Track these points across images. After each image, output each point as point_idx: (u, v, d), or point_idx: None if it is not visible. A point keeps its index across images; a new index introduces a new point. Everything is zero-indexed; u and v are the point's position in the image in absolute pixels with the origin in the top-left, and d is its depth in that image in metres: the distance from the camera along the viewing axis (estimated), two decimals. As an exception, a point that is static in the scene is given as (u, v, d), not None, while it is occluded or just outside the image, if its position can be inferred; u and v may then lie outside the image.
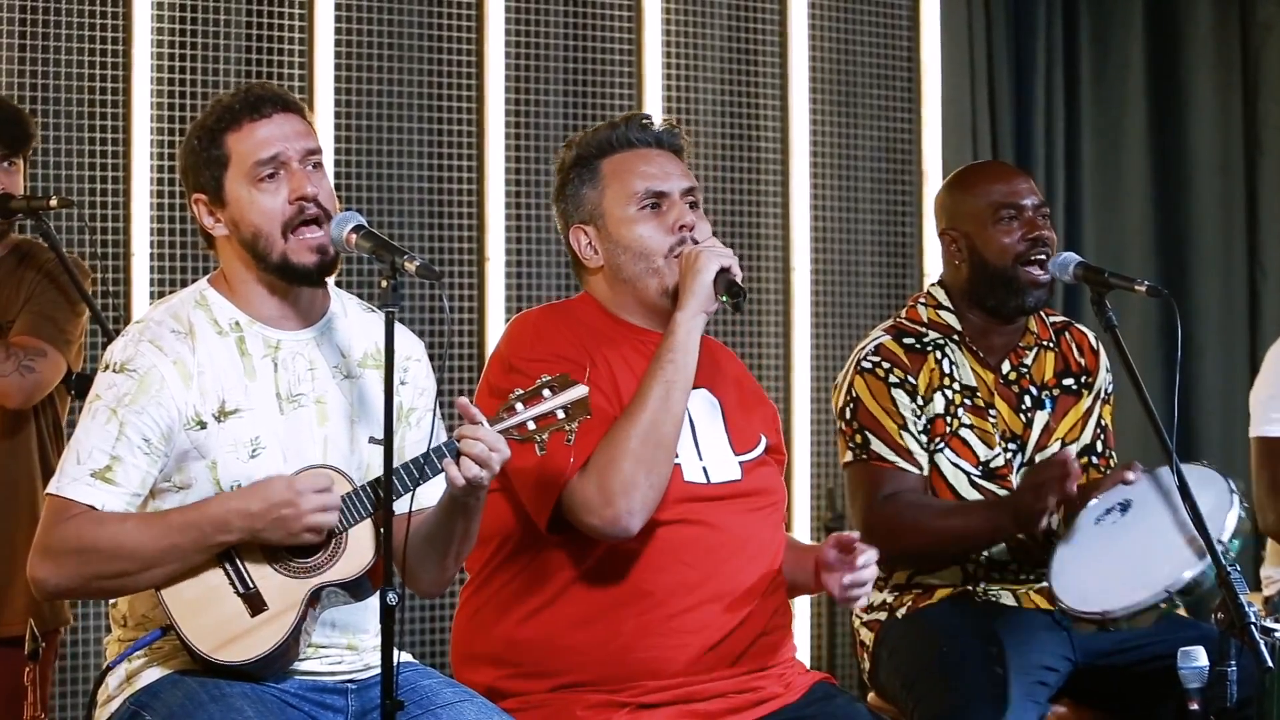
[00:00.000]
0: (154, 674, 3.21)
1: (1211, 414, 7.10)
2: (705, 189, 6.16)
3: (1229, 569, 3.57)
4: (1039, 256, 4.07)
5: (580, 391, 3.16)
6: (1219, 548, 3.57)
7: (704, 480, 3.52)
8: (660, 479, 3.40)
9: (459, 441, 3.10)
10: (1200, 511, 3.61)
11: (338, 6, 5.69)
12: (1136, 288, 3.88)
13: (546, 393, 3.16)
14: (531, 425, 3.15)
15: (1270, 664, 3.51)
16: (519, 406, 3.16)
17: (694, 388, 3.56)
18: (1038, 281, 4.07)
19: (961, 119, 6.73)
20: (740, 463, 3.57)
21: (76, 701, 5.24)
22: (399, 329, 3.40)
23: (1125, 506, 3.85)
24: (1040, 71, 6.95)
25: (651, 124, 3.63)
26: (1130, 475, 3.87)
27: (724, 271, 3.47)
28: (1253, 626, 3.51)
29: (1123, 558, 3.76)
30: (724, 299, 3.46)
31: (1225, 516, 3.67)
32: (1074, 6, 7.07)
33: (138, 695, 3.20)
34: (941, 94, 6.65)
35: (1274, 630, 3.58)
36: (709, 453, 3.55)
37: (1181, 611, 3.83)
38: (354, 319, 3.38)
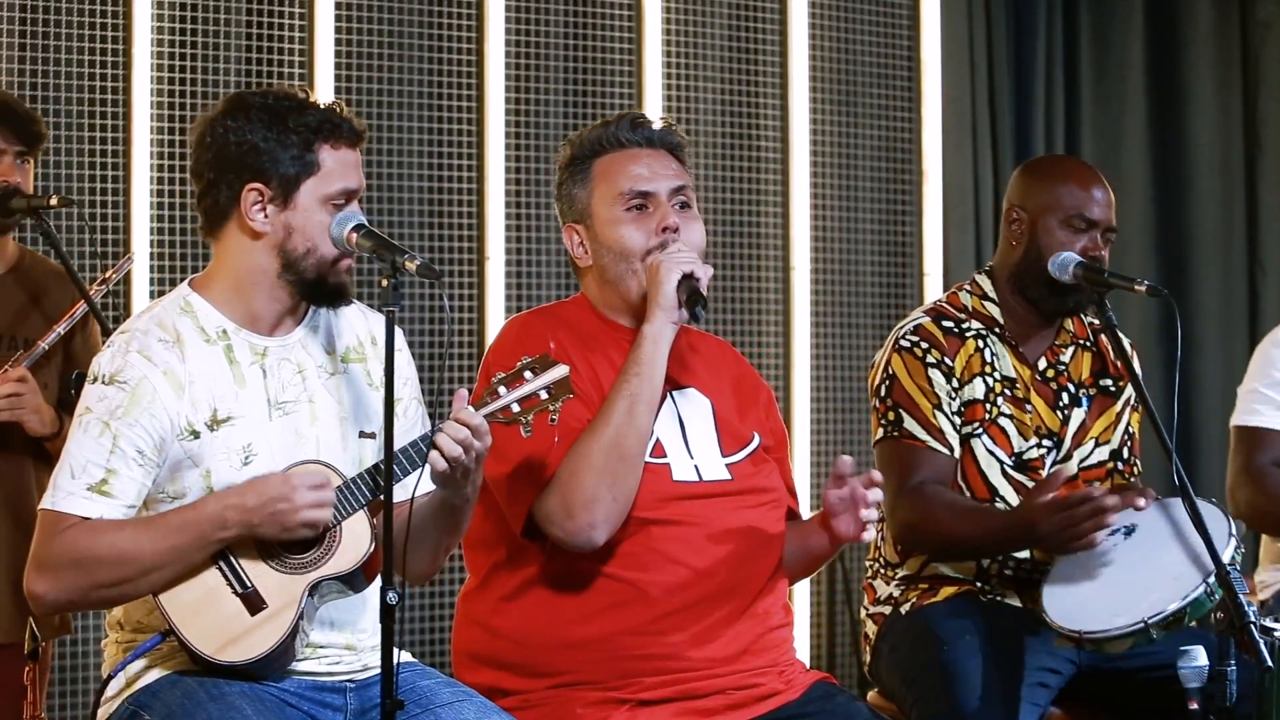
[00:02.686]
0: (153, 675, 3.21)
1: (1211, 413, 7.10)
2: (705, 189, 6.17)
3: (1228, 570, 3.57)
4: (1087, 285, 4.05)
5: (561, 371, 3.18)
6: (1212, 579, 3.57)
7: (696, 478, 3.52)
8: (625, 492, 3.40)
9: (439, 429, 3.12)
10: (1205, 524, 3.61)
11: (338, 6, 5.69)
12: (1136, 287, 3.88)
13: (528, 374, 3.18)
14: (516, 407, 3.17)
15: (1270, 664, 3.51)
16: (502, 390, 3.18)
17: (684, 388, 3.58)
18: (1083, 292, 4.05)
19: (961, 119, 6.73)
20: (728, 464, 3.56)
21: (77, 702, 5.24)
22: (376, 315, 3.41)
23: (1130, 530, 3.85)
24: (1040, 71, 6.95)
25: (644, 123, 3.61)
26: (1141, 501, 3.86)
27: (688, 278, 3.45)
28: (1252, 626, 3.51)
29: (1113, 581, 3.76)
30: (682, 307, 3.43)
31: (1219, 554, 3.66)
32: (1074, 6, 7.08)
33: (137, 695, 3.19)
34: (941, 94, 6.66)
35: (1273, 630, 3.58)
36: (699, 453, 3.55)
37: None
38: (335, 313, 3.38)
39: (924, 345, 4.03)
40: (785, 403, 6.31)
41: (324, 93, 5.61)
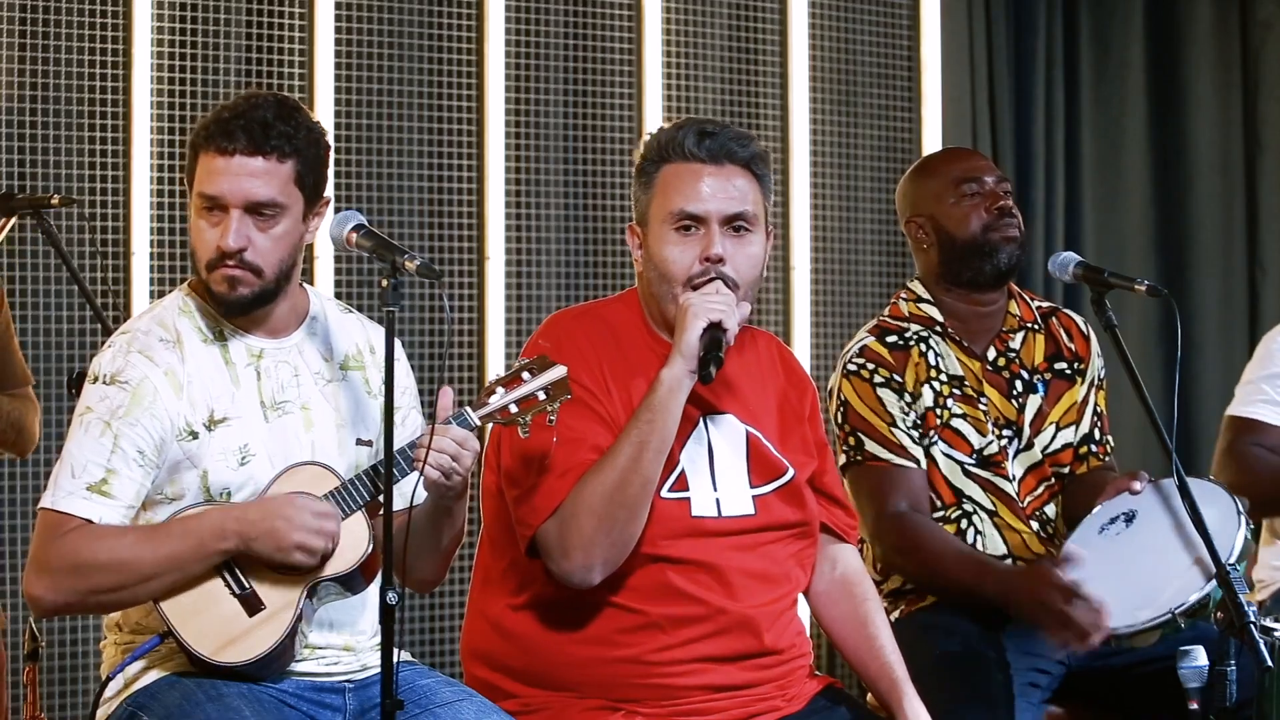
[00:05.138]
0: (152, 676, 3.21)
1: (1211, 413, 7.08)
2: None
3: (1228, 569, 3.57)
4: (1008, 229, 4.06)
5: (559, 372, 3.17)
6: (1228, 571, 3.56)
7: (715, 514, 3.44)
8: (624, 536, 3.32)
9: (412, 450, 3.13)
10: (1205, 523, 3.60)
11: (338, 6, 5.69)
12: (1136, 287, 3.88)
13: (526, 375, 3.18)
14: (514, 409, 3.17)
15: (1270, 664, 3.51)
16: (500, 390, 3.18)
17: (721, 414, 3.49)
18: (1010, 237, 4.06)
19: (961, 119, 6.73)
20: (754, 497, 3.48)
21: (76, 701, 5.24)
22: (373, 325, 3.41)
23: (1130, 518, 3.83)
24: (1040, 71, 6.94)
25: (713, 134, 3.42)
26: (1136, 485, 3.84)
27: (714, 327, 3.30)
28: (1252, 626, 3.50)
29: (1128, 574, 3.74)
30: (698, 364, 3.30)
31: (1233, 537, 3.66)
32: (1074, 6, 7.07)
33: (135, 696, 3.20)
34: (941, 94, 6.65)
35: (1273, 630, 3.58)
36: (724, 484, 3.46)
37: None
38: (333, 321, 3.38)
39: (870, 366, 4.03)
40: (785, 403, 6.31)
41: (324, 92, 5.62)
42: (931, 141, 6.64)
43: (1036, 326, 4.17)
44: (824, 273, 6.47)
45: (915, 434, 4.00)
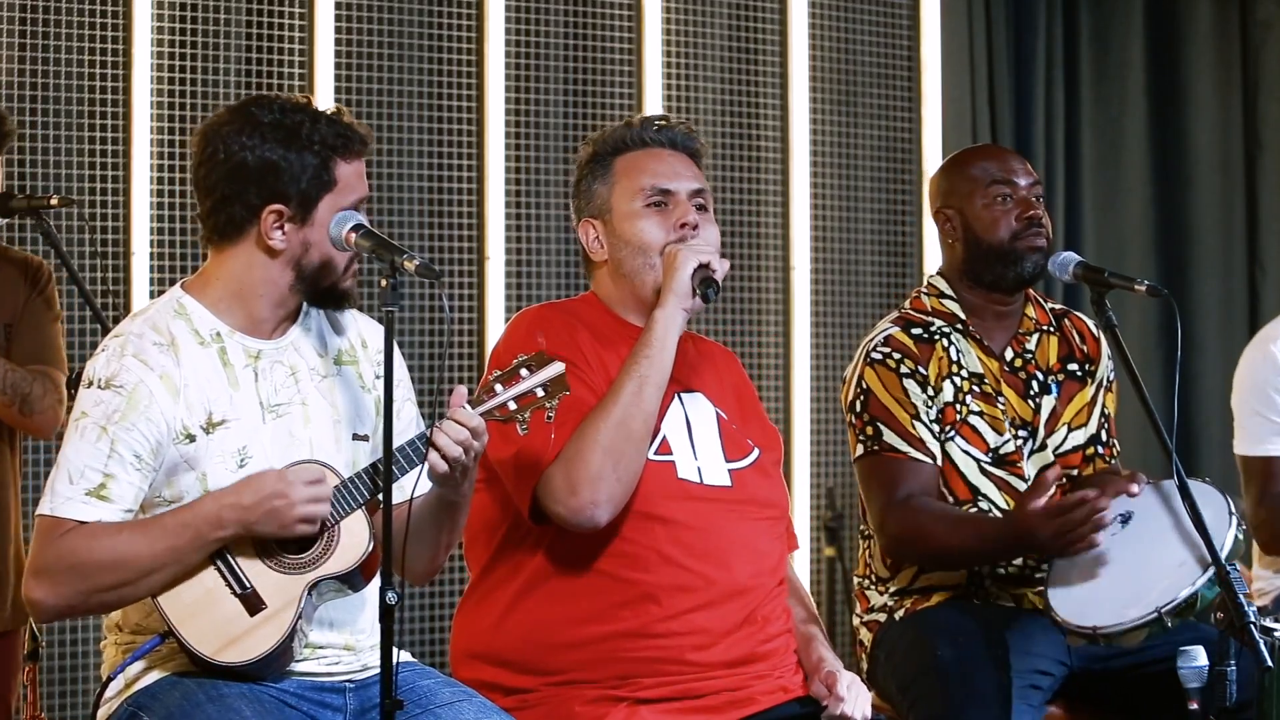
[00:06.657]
0: (152, 676, 3.21)
1: (1211, 413, 7.10)
2: (705, 189, 6.18)
3: (1228, 569, 3.57)
4: (1036, 239, 4.07)
5: (558, 368, 3.19)
6: (1228, 571, 3.56)
7: (697, 480, 3.54)
8: (628, 473, 3.42)
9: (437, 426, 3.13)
10: (1204, 522, 3.60)
11: (338, 6, 5.69)
12: (1136, 287, 3.87)
13: (524, 372, 3.19)
14: (512, 405, 3.18)
15: (1270, 664, 3.51)
16: (498, 388, 3.19)
17: (692, 391, 3.60)
18: (1035, 246, 4.07)
19: (961, 119, 6.73)
20: (730, 470, 3.58)
21: (76, 701, 5.24)
22: (365, 318, 3.42)
23: (1126, 519, 3.84)
24: (1040, 71, 6.95)
25: (667, 125, 3.68)
26: (1134, 488, 3.84)
27: (703, 268, 3.51)
28: (1252, 626, 3.51)
29: (1119, 573, 3.75)
30: (696, 294, 3.50)
31: (1223, 536, 3.66)
32: (1074, 6, 7.08)
33: (136, 696, 3.19)
34: (941, 94, 6.66)
35: (1273, 630, 3.58)
36: (703, 455, 3.57)
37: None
38: (326, 316, 3.38)
39: (896, 356, 4.02)
40: (785, 403, 6.32)
41: (324, 92, 5.62)
42: (931, 141, 6.65)
43: (1050, 328, 4.17)
44: (824, 273, 6.47)
45: (935, 429, 4.00)
